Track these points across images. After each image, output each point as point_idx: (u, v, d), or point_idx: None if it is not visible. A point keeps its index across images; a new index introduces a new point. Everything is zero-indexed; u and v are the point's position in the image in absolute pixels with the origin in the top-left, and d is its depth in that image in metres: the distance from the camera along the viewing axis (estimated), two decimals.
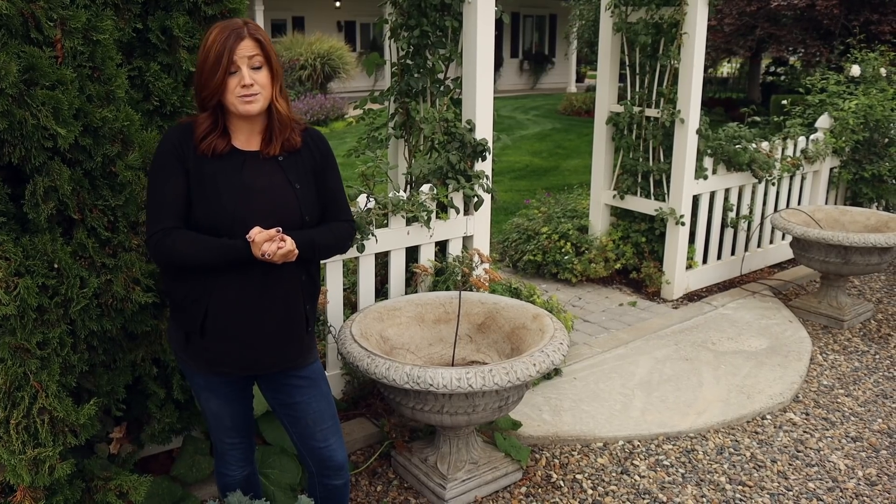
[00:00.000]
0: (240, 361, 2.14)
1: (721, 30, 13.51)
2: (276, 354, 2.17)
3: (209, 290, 2.06)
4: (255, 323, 2.10)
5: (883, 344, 4.60)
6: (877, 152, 6.10)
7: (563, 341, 2.88)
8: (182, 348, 2.18)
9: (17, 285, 2.07)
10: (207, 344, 2.11)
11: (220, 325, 2.08)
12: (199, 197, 2.04)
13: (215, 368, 2.16)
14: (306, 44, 17.77)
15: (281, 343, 2.16)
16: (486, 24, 3.70)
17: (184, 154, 2.05)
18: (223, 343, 2.10)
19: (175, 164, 2.04)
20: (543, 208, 5.95)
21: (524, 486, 3.14)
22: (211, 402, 2.26)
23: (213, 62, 1.97)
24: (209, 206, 2.03)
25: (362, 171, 3.78)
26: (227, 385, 2.23)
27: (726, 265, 5.55)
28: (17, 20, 2.05)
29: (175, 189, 2.04)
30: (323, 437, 2.28)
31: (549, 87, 26.23)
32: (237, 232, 2.01)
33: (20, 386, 2.12)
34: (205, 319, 2.07)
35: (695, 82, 4.75)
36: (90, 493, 2.38)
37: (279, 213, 2.06)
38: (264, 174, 2.09)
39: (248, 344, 2.11)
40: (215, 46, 1.97)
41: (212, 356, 2.13)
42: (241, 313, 2.08)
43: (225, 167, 2.06)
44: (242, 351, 2.12)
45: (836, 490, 3.14)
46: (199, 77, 2.02)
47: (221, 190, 2.04)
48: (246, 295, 2.07)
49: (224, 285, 2.05)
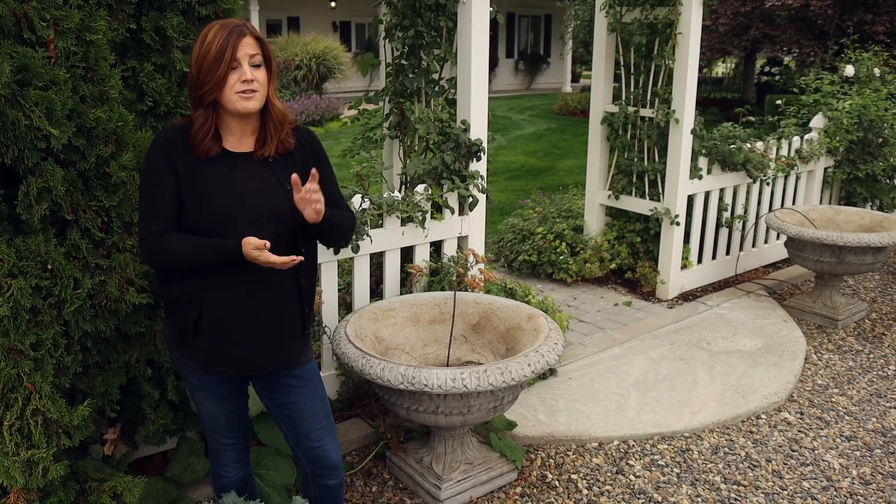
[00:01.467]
0: (233, 361, 2.14)
1: (716, 30, 13.54)
2: (271, 355, 2.16)
3: (204, 290, 2.05)
4: (249, 323, 2.09)
5: (877, 343, 4.62)
6: (871, 152, 6.11)
7: (558, 341, 2.88)
8: (177, 347, 2.17)
9: (10, 286, 2.06)
10: (201, 343, 2.10)
11: (214, 324, 2.08)
12: (191, 198, 2.03)
13: (210, 368, 2.16)
14: (301, 44, 17.76)
15: (276, 343, 2.15)
16: (480, 25, 3.70)
17: (173, 155, 2.03)
18: (217, 342, 2.10)
19: (165, 166, 2.03)
20: (538, 208, 5.95)
21: (519, 487, 3.14)
22: (206, 402, 2.25)
23: (214, 57, 1.96)
24: (200, 207, 2.03)
25: (357, 171, 3.78)
26: (222, 384, 2.22)
27: (721, 265, 5.56)
28: (10, 20, 2.05)
29: (165, 191, 2.03)
30: (317, 437, 2.28)
31: (545, 87, 26.24)
32: (228, 233, 2.00)
33: (13, 387, 2.11)
34: (199, 318, 2.07)
35: (689, 82, 4.76)
36: (84, 494, 2.37)
37: (272, 216, 2.06)
38: (256, 176, 2.08)
39: (241, 344, 2.11)
40: (217, 41, 1.96)
41: (206, 356, 2.13)
42: (236, 313, 2.08)
43: (216, 168, 2.05)
44: (236, 351, 2.11)
45: (831, 489, 3.15)
46: (196, 73, 2.00)
47: (213, 191, 2.03)
48: (241, 295, 2.07)
49: (219, 285, 2.05)
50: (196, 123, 2.04)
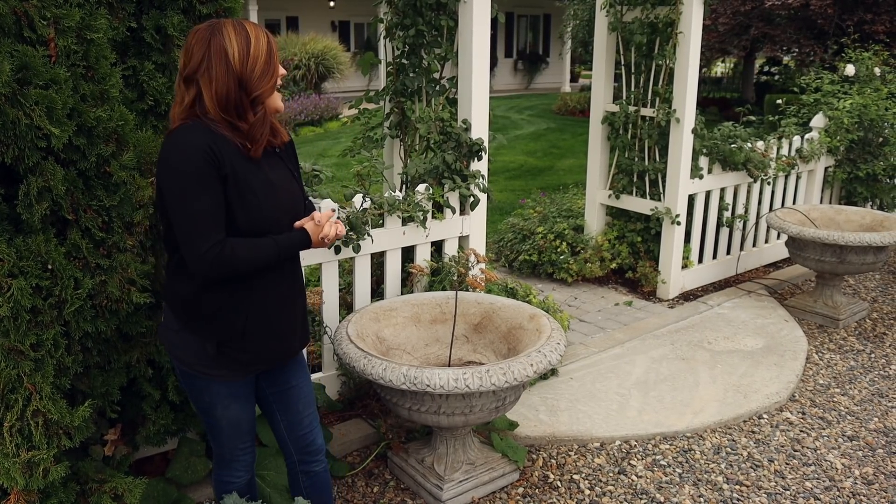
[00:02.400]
0: (279, 354, 2.21)
1: (715, 29, 13.54)
2: (302, 337, 2.27)
3: (249, 293, 2.06)
4: (289, 315, 2.18)
5: (878, 343, 4.61)
6: (871, 151, 6.11)
7: (559, 341, 2.87)
8: (208, 359, 2.08)
9: (10, 286, 2.05)
10: (247, 346, 2.10)
11: (262, 324, 2.11)
12: (240, 201, 1.97)
13: (251, 368, 2.16)
14: (300, 44, 17.73)
15: (304, 327, 2.28)
16: (481, 24, 3.69)
17: (219, 160, 1.93)
18: (264, 341, 2.13)
19: (210, 172, 1.91)
20: (539, 208, 5.94)
21: (521, 487, 3.13)
22: (230, 410, 2.19)
23: (266, 59, 1.97)
24: (249, 209, 1.99)
25: (358, 170, 3.77)
26: (247, 385, 2.21)
27: (722, 264, 5.55)
28: (10, 19, 2.03)
29: (217, 198, 1.93)
30: (308, 423, 2.36)
31: (544, 86, 26.24)
32: (272, 231, 2.04)
33: (14, 388, 2.10)
34: (247, 321, 2.07)
35: (690, 82, 4.75)
36: (85, 495, 2.36)
37: (294, 205, 2.13)
38: (278, 169, 2.12)
39: (285, 335, 2.19)
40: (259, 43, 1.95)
41: (251, 357, 2.13)
42: (281, 308, 2.14)
43: (252, 167, 2.02)
44: (281, 343, 2.19)
45: (834, 489, 3.14)
46: (248, 77, 1.94)
47: (256, 190, 2.00)
48: (282, 290, 2.14)
49: (264, 285, 2.09)
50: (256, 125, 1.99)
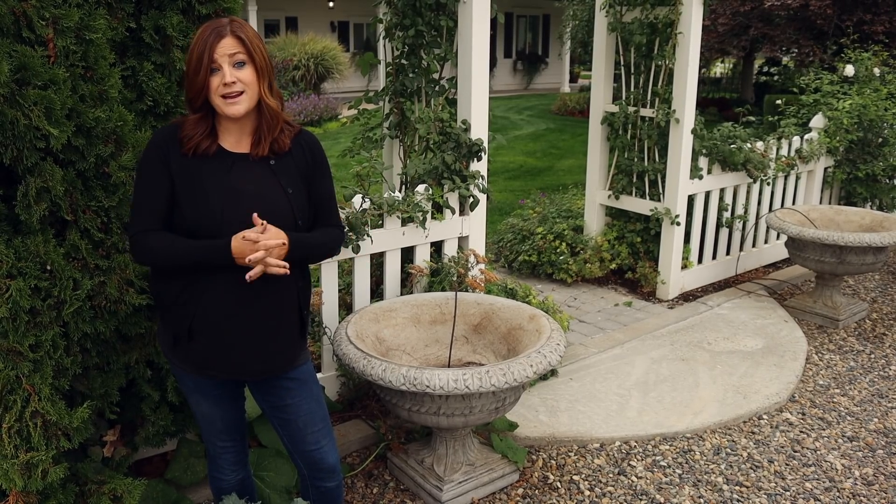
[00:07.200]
0: (227, 366, 2.10)
1: (715, 29, 13.54)
2: (267, 360, 2.12)
3: (199, 293, 2.02)
4: (245, 328, 2.05)
5: (878, 343, 4.61)
6: (871, 152, 6.11)
7: (559, 342, 2.87)
8: (170, 349, 2.14)
9: (9, 287, 2.05)
10: (195, 346, 2.07)
11: (209, 328, 2.04)
12: (186, 198, 2.00)
13: (203, 371, 2.12)
14: (299, 44, 17.72)
15: (272, 349, 2.11)
16: (481, 24, 3.68)
17: (167, 155, 2.01)
18: (210, 347, 2.06)
19: (157, 165, 2.01)
20: (538, 208, 5.94)
21: (521, 488, 3.12)
22: (202, 405, 2.23)
23: (195, 61, 1.95)
24: (196, 207, 1.99)
25: (357, 171, 3.77)
26: (216, 387, 2.19)
27: (721, 265, 5.55)
28: (9, 19, 2.03)
29: (155, 190, 2.01)
30: (314, 440, 2.25)
31: (543, 87, 26.23)
32: (224, 234, 1.96)
33: (12, 389, 2.09)
34: (192, 321, 2.04)
35: (690, 82, 4.75)
36: (84, 497, 2.35)
37: (272, 219, 2.00)
38: (254, 177, 2.04)
39: (236, 349, 2.07)
40: (198, 45, 1.95)
41: (199, 359, 2.09)
42: (232, 318, 2.04)
43: (212, 168, 2.02)
44: (230, 355, 2.07)
45: (834, 490, 3.14)
46: (185, 77, 2.01)
47: (209, 191, 2.00)
48: (238, 298, 2.02)
49: (215, 288, 2.01)
50: (185, 127, 2.02)
